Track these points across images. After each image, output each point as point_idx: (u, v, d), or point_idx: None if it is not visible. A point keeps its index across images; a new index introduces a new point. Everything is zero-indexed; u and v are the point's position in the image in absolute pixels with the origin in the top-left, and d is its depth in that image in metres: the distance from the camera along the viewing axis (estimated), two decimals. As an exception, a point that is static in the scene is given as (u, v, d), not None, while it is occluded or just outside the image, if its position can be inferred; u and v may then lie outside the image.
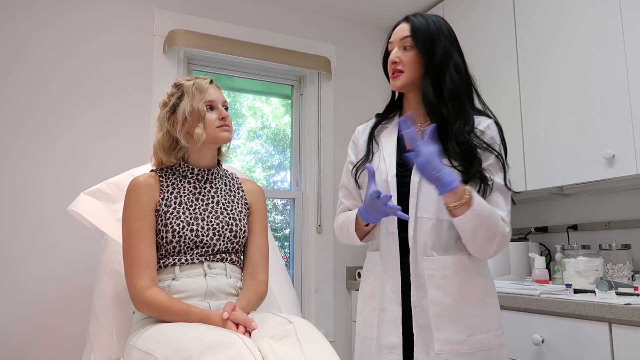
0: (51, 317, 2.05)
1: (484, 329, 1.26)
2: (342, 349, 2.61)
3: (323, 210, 2.69)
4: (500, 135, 1.34)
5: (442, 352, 1.22)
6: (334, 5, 2.76)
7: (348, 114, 2.85)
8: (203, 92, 1.44)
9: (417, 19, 1.36)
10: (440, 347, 1.23)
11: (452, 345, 1.23)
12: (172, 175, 1.47)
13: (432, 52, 1.32)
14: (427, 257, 1.28)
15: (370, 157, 1.42)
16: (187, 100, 1.43)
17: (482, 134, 1.31)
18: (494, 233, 1.22)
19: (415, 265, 1.29)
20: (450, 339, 1.23)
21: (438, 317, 1.24)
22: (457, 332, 1.23)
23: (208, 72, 2.62)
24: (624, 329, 1.41)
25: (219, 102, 1.47)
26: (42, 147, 2.14)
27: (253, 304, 1.39)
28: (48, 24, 2.21)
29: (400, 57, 1.34)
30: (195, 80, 1.47)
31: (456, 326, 1.24)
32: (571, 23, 1.92)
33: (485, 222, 1.20)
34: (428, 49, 1.33)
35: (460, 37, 1.43)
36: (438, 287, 1.26)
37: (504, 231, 1.24)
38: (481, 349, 1.24)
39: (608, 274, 1.83)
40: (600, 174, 1.77)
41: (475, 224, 1.20)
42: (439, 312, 1.25)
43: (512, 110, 2.13)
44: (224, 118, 1.45)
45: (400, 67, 1.34)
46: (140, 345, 1.20)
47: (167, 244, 1.37)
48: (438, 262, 1.28)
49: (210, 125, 1.43)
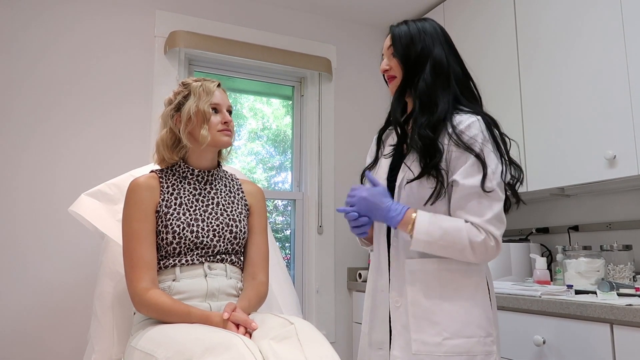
0: (52, 318, 2.05)
1: (464, 333, 1.22)
2: (343, 350, 2.61)
3: (324, 211, 2.69)
4: (488, 131, 1.28)
5: (419, 353, 1.22)
6: (335, 6, 2.76)
7: (349, 115, 2.85)
8: (210, 94, 1.44)
9: (399, 28, 1.38)
10: (417, 347, 1.22)
11: (428, 347, 1.21)
12: (172, 177, 1.47)
13: (407, 56, 1.34)
14: (409, 259, 1.28)
15: (376, 162, 1.46)
16: (193, 100, 1.43)
17: (462, 134, 1.26)
18: (457, 249, 1.21)
19: (396, 267, 1.30)
20: (426, 340, 1.22)
21: (416, 318, 1.24)
22: (433, 335, 1.22)
23: (209, 73, 2.62)
24: (626, 330, 1.41)
25: (224, 106, 1.47)
26: (42, 148, 2.14)
27: (254, 305, 1.39)
28: (48, 25, 2.21)
29: (390, 64, 1.38)
30: (203, 81, 1.47)
31: (433, 328, 1.22)
32: (572, 23, 1.92)
33: (440, 242, 1.21)
34: (405, 53, 1.35)
35: (461, 38, 1.44)
36: (419, 289, 1.26)
37: (475, 240, 1.20)
38: (457, 354, 1.20)
39: (609, 274, 1.83)
40: (602, 174, 1.77)
41: (430, 247, 1.23)
42: (418, 313, 1.24)
43: (513, 110, 2.13)
44: (227, 122, 1.46)
45: (393, 73, 1.38)
46: (141, 346, 1.20)
47: (167, 245, 1.38)
48: (420, 264, 1.27)
49: (213, 128, 1.44)
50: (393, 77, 1.38)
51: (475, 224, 1.21)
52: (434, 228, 1.21)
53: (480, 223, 1.21)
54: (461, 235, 1.20)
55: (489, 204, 1.22)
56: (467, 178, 1.22)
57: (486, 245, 1.20)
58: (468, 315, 1.24)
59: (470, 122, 1.27)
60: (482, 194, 1.22)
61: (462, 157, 1.25)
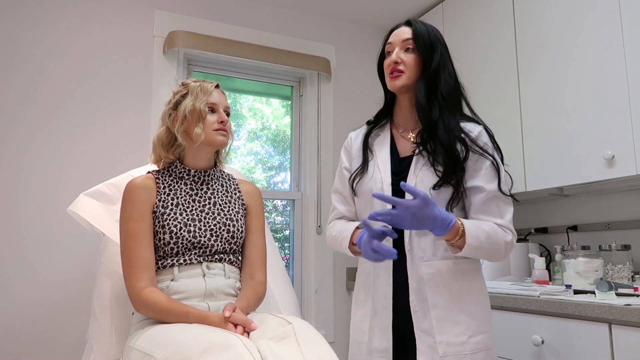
0: (51, 318, 2.05)
1: (481, 329, 1.29)
2: (342, 350, 2.61)
3: (323, 211, 2.69)
4: (492, 141, 1.36)
5: (446, 355, 1.24)
6: (334, 6, 2.76)
7: (348, 115, 2.85)
8: (207, 93, 1.45)
9: (419, 24, 1.39)
10: (444, 349, 1.24)
11: (455, 347, 1.25)
12: (168, 177, 1.48)
13: (430, 57, 1.35)
14: (425, 262, 1.30)
15: (366, 166, 1.42)
16: (190, 99, 1.45)
17: (476, 140, 1.33)
18: (496, 249, 1.27)
19: (413, 271, 1.30)
20: (452, 341, 1.25)
21: (440, 320, 1.26)
22: (458, 335, 1.25)
23: (208, 73, 2.62)
24: (624, 330, 1.41)
25: (220, 106, 1.48)
26: (41, 148, 2.14)
27: (252, 305, 1.39)
28: (48, 25, 2.21)
29: (402, 57, 1.35)
30: (202, 82, 1.49)
31: (457, 328, 1.26)
32: (571, 24, 1.92)
33: (485, 246, 1.24)
34: (428, 53, 1.35)
35: (460, 38, 1.44)
36: (438, 291, 1.28)
37: (507, 240, 1.28)
38: (480, 350, 1.27)
39: (608, 274, 1.83)
40: (600, 174, 1.77)
41: (477, 252, 1.25)
42: (440, 315, 1.27)
43: (512, 111, 2.13)
44: (223, 122, 1.46)
45: (402, 68, 1.35)
46: (140, 346, 1.20)
47: (164, 245, 1.38)
48: (437, 267, 1.29)
49: (208, 127, 1.44)
50: (401, 72, 1.35)
51: (500, 225, 1.28)
52: (479, 233, 1.24)
53: (504, 224, 1.29)
54: (498, 237, 1.26)
55: (505, 206, 1.31)
56: (488, 183, 1.30)
57: (512, 244, 1.30)
58: (482, 312, 1.31)
59: (480, 130, 1.35)
60: (501, 197, 1.30)
61: (478, 162, 1.31)
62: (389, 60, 1.38)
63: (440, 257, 1.30)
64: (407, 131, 1.42)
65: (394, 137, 1.44)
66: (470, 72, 2.34)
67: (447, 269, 1.29)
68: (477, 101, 2.30)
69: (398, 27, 1.41)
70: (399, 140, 1.43)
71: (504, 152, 1.43)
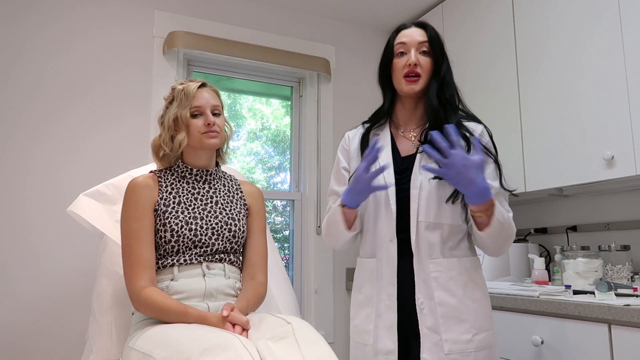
0: (50, 319, 2.06)
1: (485, 327, 1.31)
2: (341, 350, 2.61)
3: (323, 212, 2.69)
4: (491, 139, 1.40)
5: (452, 352, 1.25)
6: (334, 6, 2.76)
7: (347, 115, 2.85)
8: (190, 97, 1.43)
9: (431, 27, 1.40)
10: (450, 347, 1.26)
11: (460, 345, 1.26)
12: (170, 176, 1.48)
13: (442, 61, 1.38)
14: (433, 260, 1.31)
15: None
16: (174, 107, 1.44)
17: (481, 138, 1.36)
18: (509, 235, 1.30)
19: (420, 269, 1.31)
20: (458, 339, 1.26)
21: (446, 318, 1.28)
22: (463, 332, 1.27)
23: (208, 73, 2.62)
24: (624, 330, 1.41)
25: (206, 108, 1.44)
26: (41, 148, 2.14)
27: (252, 305, 1.39)
28: (48, 25, 2.21)
29: (420, 60, 1.35)
30: (186, 85, 1.46)
31: (463, 326, 1.27)
32: (570, 24, 1.92)
33: (505, 227, 1.27)
34: (441, 57, 1.38)
35: (460, 38, 1.45)
36: (444, 289, 1.29)
37: (514, 230, 1.33)
38: (484, 347, 1.29)
39: (607, 275, 1.83)
40: (600, 175, 1.77)
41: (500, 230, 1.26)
42: (447, 313, 1.28)
43: (511, 111, 2.13)
44: (210, 124, 1.43)
45: (419, 70, 1.34)
46: (139, 346, 1.20)
47: (165, 244, 1.38)
48: (444, 264, 1.31)
49: (196, 132, 1.43)
50: (418, 75, 1.34)
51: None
52: (503, 213, 1.27)
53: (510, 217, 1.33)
54: (511, 224, 1.30)
55: (506, 202, 1.36)
56: (494, 180, 1.33)
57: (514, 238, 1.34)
58: (485, 310, 1.33)
59: (482, 129, 1.39)
60: (503, 193, 1.35)
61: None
62: (406, 60, 1.36)
63: (447, 255, 1.32)
64: (408, 131, 1.43)
65: (393, 137, 1.44)
66: (470, 73, 2.34)
67: (453, 266, 1.31)
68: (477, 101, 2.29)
69: (406, 28, 1.40)
70: (399, 139, 1.43)
71: (504, 152, 1.45)
